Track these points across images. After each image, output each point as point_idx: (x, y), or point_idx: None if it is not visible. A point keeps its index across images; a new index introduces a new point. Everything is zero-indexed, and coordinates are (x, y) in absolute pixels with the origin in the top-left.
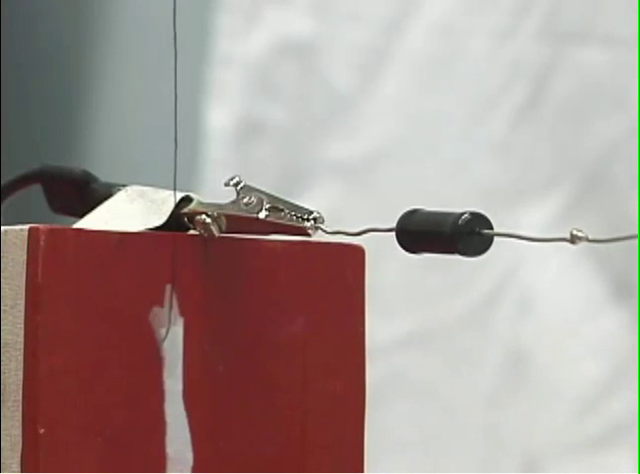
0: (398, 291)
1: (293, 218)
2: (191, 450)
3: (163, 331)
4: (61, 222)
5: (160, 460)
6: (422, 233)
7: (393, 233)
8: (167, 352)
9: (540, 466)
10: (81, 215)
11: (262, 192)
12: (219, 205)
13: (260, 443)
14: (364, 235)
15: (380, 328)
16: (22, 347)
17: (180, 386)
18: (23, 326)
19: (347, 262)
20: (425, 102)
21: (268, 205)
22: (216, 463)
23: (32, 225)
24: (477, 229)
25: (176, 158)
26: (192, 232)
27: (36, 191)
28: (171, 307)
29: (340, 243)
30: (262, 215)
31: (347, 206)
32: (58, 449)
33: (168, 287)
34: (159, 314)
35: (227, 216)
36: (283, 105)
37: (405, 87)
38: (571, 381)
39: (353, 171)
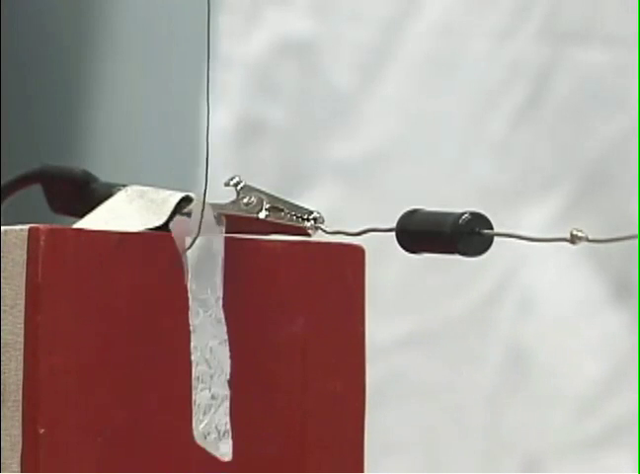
0: (398, 291)
1: (293, 218)
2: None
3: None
4: (61, 222)
5: (160, 460)
6: (422, 233)
7: (393, 233)
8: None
9: (540, 466)
10: (81, 215)
11: (262, 192)
12: (219, 205)
13: (260, 443)
14: (364, 235)
15: (380, 328)
16: (22, 347)
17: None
18: (23, 326)
19: (347, 262)
20: (425, 102)
21: (268, 205)
22: (216, 463)
23: (32, 225)
24: (477, 229)
25: (207, 163)
26: None
27: (36, 191)
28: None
29: (340, 243)
30: (262, 215)
31: (347, 206)
32: (58, 449)
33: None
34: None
35: (227, 216)
36: (284, 105)
37: (405, 87)
38: (571, 381)
39: (353, 171)
